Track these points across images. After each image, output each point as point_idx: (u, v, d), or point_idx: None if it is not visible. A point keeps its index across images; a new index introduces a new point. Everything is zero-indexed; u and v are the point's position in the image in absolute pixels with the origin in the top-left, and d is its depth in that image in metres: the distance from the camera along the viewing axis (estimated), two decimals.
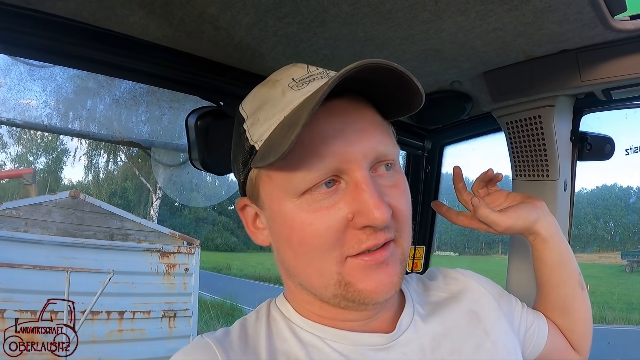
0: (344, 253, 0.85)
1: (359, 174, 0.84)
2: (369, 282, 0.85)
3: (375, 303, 0.88)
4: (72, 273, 7.43)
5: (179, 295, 9.83)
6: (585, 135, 1.70)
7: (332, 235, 0.84)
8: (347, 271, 0.85)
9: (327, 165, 0.83)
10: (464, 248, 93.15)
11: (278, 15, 1.18)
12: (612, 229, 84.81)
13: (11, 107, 3.23)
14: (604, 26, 1.20)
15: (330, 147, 0.83)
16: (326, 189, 0.85)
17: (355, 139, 0.85)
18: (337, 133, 0.85)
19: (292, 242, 0.88)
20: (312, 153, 0.83)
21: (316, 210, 0.84)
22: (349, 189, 0.85)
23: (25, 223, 9.16)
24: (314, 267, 0.88)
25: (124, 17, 1.21)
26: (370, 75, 0.81)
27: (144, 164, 27.97)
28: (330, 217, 0.84)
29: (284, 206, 0.87)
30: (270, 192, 0.91)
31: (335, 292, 0.87)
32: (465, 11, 1.13)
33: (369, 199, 0.82)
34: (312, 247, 0.85)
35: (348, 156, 0.84)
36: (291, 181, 0.85)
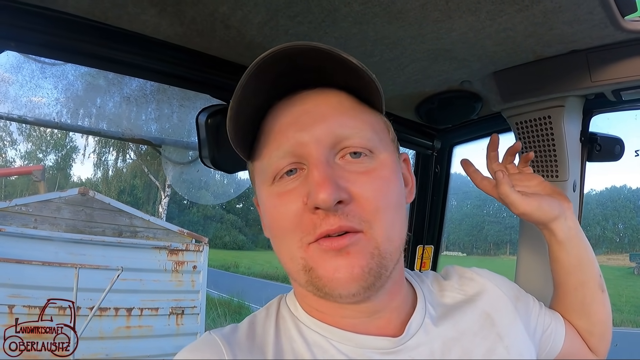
0: (304, 238, 0.86)
1: (312, 156, 0.86)
2: (327, 268, 0.84)
3: (338, 294, 0.85)
4: (80, 269, 7.44)
5: (186, 292, 9.85)
6: (595, 136, 1.70)
7: (292, 219, 0.86)
8: (310, 256, 0.86)
9: (285, 152, 0.88)
10: (472, 248, 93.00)
11: (289, 14, 1.18)
12: (620, 230, 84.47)
13: (23, 104, 3.25)
14: (614, 27, 1.20)
15: (285, 134, 0.88)
16: (291, 175, 0.89)
17: (309, 124, 0.88)
18: (293, 120, 0.89)
19: (269, 229, 0.94)
20: (273, 141, 0.90)
21: (280, 195, 0.89)
22: (306, 173, 0.87)
23: (35, 219, 9.19)
24: (285, 252, 0.90)
25: (135, 16, 1.21)
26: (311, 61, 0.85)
27: (153, 162, 28.01)
28: (290, 200, 0.87)
29: (263, 193, 0.94)
30: (258, 183, 0.97)
31: (305, 278, 0.87)
32: (476, 11, 1.13)
33: (315, 179, 0.83)
34: (279, 231, 0.90)
35: (301, 140, 0.87)
36: (263, 170, 0.92)
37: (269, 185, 0.91)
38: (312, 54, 0.84)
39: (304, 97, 0.92)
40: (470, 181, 1.35)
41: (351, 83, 0.91)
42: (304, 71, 0.88)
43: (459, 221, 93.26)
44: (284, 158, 0.87)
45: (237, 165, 1.57)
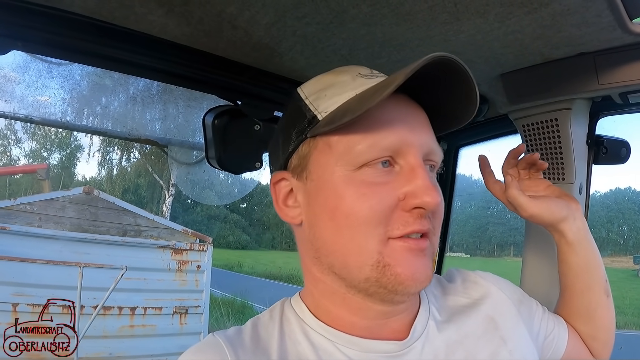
0: (388, 233, 0.86)
1: (415, 159, 0.88)
2: (407, 266, 0.86)
3: (406, 293, 0.88)
4: (85, 268, 7.47)
5: (190, 292, 9.87)
6: (601, 138, 1.69)
7: (382, 211, 0.86)
8: (388, 252, 0.86)
9: (389, 145, 0.87)
10: (476, 250, 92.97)
11: (297, 15, 1.18)
12: (625, 232, 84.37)
13: (29, 103, 3.27)
14: (622, 29, 1.19)
15: (395, 129, 0.88)
16: (382, 168, 0.88)
17: (417, 128, 0.91)
18: (402, 118, 0.90)
19: (337, 215, 0.89)
20: (378, 129, 0.87)
21: (370, 185, 0.87)
22: (404, 172, 0.88)
23: (39, 218, 9.22)
24: (355, 243, 0.87)
25: (142, 16, 1.21)
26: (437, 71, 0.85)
27: (157, 161, 28.09)
28: (384, 194, 0.86)
29: (338, 176, 0.89)
30: (324, 161, 0.92)
31: (369, 274, 0.87)
32: (485, 13, 1.13)
33: (423, 182, 0.85)
34: (359, 220, 0.86)
35: (409, 140, 0.88)
36: (351, 152, 0.88)
37: (352, 170, 0.88)
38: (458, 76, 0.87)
39: (407, 100, 0.94)
40: (474, 183, 1.36)
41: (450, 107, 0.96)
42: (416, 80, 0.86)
43: (463, 222, 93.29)
44: (386, 150, 0.87)
45: (244, 166, 1.58)
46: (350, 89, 0.93)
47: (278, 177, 1.01)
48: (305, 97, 0.98)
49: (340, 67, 1.03)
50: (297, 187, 0.98)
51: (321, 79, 1.01)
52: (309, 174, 0.94)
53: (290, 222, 1.00)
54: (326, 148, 0.92)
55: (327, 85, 0.97)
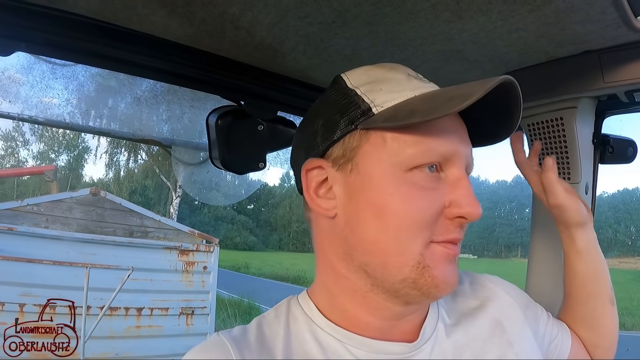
0: (431, 237, 0.87)
1: (460, 170, 0.90)
2: (443, 270, 0.88)
3: (437, 296, 0.90)
4: (91, 269, 7.49)
5: (197, 293, 9.91)
6: (608, 137, 1.68)
7: (430, 215, 0.86)
8: (429, 255, 0.87)
9: (442, 152, 0.88)
10: (483, 251, 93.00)
11: (299, 15, 1.18)
12: (633, 233, 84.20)
13: (33, 104, 3.27)
14: (628, 27, 1.19)
15: (450, 138, 0.89)
16: (430, 173, 0.88)
17: (465, 140, 0.94)
18: (455, 129, 0.92)
19: (385, 213, 0.87)
20: (434, 136, 0.88)
21: (421, 188, 0.87)
22: (449, 180, 0.90)
23: (46, 219, 9.26)
24: (400, 243, 0.87)
25: (145, 17, 1.21)
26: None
27: (165, 162, 28.19)
28: (432, 198, 0.87)
29: (389, 174, 0.88)
30: (376, 157, 0.89)
31: (408, 274, 0.87)
32: (487, 11, 1.12)
33: (468, 194, 0.88)
34: (408, 221, 0.86)
35: (459, 152, 0.90)
36: (405, 153, 0.87)
37: (403, 171, 0.87)
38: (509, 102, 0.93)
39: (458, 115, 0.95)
40: (481, 184, 1.36)
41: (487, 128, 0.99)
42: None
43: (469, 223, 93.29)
44: (438, 157, 0.88)
45: (248, 166, 1.58)
46: (408, 88, 0.92)
47: (313, 164, 0.96)
48: (354, 86, 0.95)
49: (384, 63, 1.03)
50: (334, 178, 0.95)
51: (369, 71, 0.99)
52: (355, 166, 0.91)
53: (322, 214, 0.96)
54: (380, 143, 0.89)
55: (380, 80, 0.95)
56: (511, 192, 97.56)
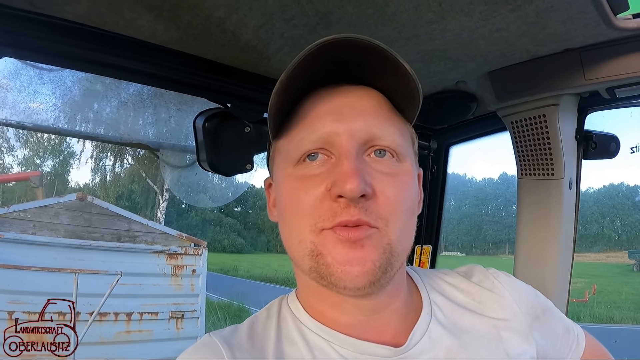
0: (319, 224, 0.86)
1: (343, 147, 0.87)
2: (338, 257, 0.85)
3: (344, 287, 0.85)
4: (80, 275, 7.46)
5: (186, 296, 9.87)
6: (590, 133, 1.70)
7: (310, 201, 0.87)
8: (321, 241, 0.86)
9: (317, 138, 0.88)
10: (471, 248, 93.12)
11: (284, 17, 1.19)
12: (619, 228, 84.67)
13: (21, 110, 3.25)
14: (607, 25, 1.21)
15: (322, 122, 0.89)
16: (315, 161, 0.90)
17: (348, 116, 0.89)
18: (332, 110, 0.90)
19: (281, 209, 0.95)
20: (307, 125, 0.90)
21: (303, 178, 0.89)
22: (333, 162, 0.88)
23: (33, 225, 9.21)
24: (294, 234, 0.90)
25: (132, 21, 1.22)
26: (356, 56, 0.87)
27: (151, 166, 28.03)
28: (312, 185, 0.87)
29: (283, 174, 0.94)
30: (278, 161, 0.98)
31: (308, 263, 0.88)
32: (469, 12, 1.14)
33: (345, 170, 0.84)
34: (293, 213, 0.90)
35: (337, 130, 0.88)
36: (289, 150, 0.93)
37: (292, 167, 0.91)
38: (361, 46, 0.85)
39: (345, 90, 0.93)
40: (467, 181, 1.36)
41: (394, 85, 0.93)
42: (347, 64, 0.90)
43: (457, 221, 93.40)
44: (315, 142, 0.89)
45: (235, 168, 1.59)
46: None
47: (268, 181, 1.08)
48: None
49: None
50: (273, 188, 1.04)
51: None
52: (273, 175, 1.02)
53: (275, 220, 1.03)
54: (277, 150, 0.98)
55: None
56: (497, 189, 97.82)
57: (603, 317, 20.51)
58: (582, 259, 63.65)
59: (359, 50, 0.86)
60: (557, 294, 1.65)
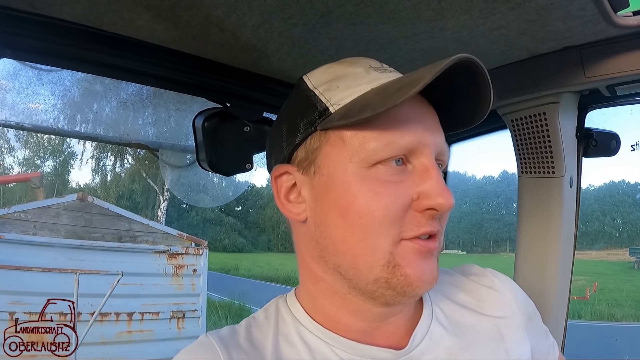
0: (401, 234, 0.84)
1: (429, 159, 0.86)
2: (417, 268, 0.85)
3: (413, 295, 0.87)
4: (80, 275, 7.47)
5: (187, 296, 9.89)
6: (591, 131, 1.70)
7: (397, 211, 0.83)
8: (400, 253, 0.84)
9: (405, 143, 0.84)
10: (472, 246, 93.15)
11: (283, 16, 1.19)
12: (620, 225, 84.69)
13: (20, 111, 3.25)
14: (607, 22, 1.20)
15: (411, 128, 0.85)
16: (395, 166, 0.85)
17: (432, 128, 0.89)
18: (418, 117, 0.87)
19: (350, 213, 0.86)
20: (395, 128, 0.85)
21: (385, 183, 0.84)
22: (417, 172, 0.86)
23: (34, 226, 9.22)
24: (368, 243, 0.85)
25: (130, 21, 1.22)
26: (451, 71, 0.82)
27: (151, 166, 28.07)
28: (398, 193, 0.84)
29: (351, 172, 0.86)
30: (337, 156, 0.88)
31: (379, 274, 0.85)
32: (469, 10, 1.14)
33: (437, 183, 0.84)
34: (373, 220, 0.84)
35: (424, 140, 0.86)
36: (366, 148, 0.85)
37: (366, 167, 0.85)
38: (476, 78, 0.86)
39: (419, 100, 0.91)
40: (468, 179, 1.35)
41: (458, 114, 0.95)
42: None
43: (457, 220, 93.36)
44: (403, 148, 0.84)
45: (235, 167, 1.58)
46: (365, 82, 0.91)
47: (281, 170, 0.96)
48: (313, 87, 0.95)
49: (349, 58, 1.01)
50: (302, 182, 0.94)
51: (329, 69, 0.97)
52: (317, 168, 0.91)
53: (293, 219, 0.97)
54: (339, 142, 0.88)
55: (338, 76, 0.94)
56: (498, 187, 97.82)
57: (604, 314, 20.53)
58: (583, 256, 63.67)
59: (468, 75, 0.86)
60: (558, 292, 1.65)
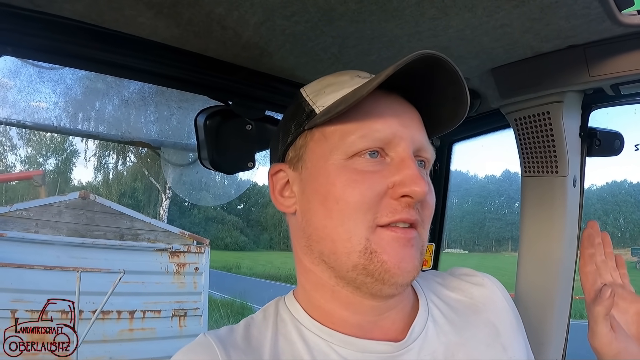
0: (377, 220, 0.88)
1: (406, 152, 0.91)
2: (394, 255, 0.87)
3: (393, 283, 0.88)
4: (82, 273, 7.48)
5: (189, 294, 9.90)
6: (595, 130, 1.69)
7: (372, 197, 0.88)
8: (375, 239, 0.88)
9: (380, 136, 0.90)
10: (474, 245, 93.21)
11: (285, 14, 1.18)
12: (622, 225, 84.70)
13: (21, 109, 3.25)
14: (612, 21, 1.20)
15: (387, 122, 0.92)
16: (371, 158, 0.91)
17: (409, 123, 0.94)
18: (395, 113, 0.94)
19: (328, 200, 0.91)
20: (371, 121, 0.91)
21: (361, 173, 0.90)
22: (394, 163, 0.91)
23: (36, 224, 9.22)
24: (344, 228, 0.89)
25: (132, 18, 1.21)
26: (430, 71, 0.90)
27: (153, 164, 28.05)
28: (373, 181, 0.89)
29: (331, 164, 0.92)
30: (320, 150, 0.95)
31: (357, 261, 0.88)
32: (473, 8, 1.13)
33: (412, 173, 0.88)
34: (349, 205, 0.89)
35: (400, 134, 0.91)
36: (345, 141, 0.92)
37: (345, 159, 0.91)
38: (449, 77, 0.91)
39: (399, 101, 0.97)
40: (470, 179, 1.35)
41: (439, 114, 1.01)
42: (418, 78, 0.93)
43: (459, 218, 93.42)
44: (378, 141, 0.90)
45: (237, 166, 1.58)
46: (347, 86, 0.97)
47: (276, 168, 1.04)
48: (306, 95, 1.02)
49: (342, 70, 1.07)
50: (293, 178, 1.01)
51: (322, 80, 1.04)
52: (304, 163, 0.98)
53: (285, 212, 1.03)
54: (322, 138, 0.96)
55: (327, 85, 1.01)
56: (500, 187, 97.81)
57: None
58: None
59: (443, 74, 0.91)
60: (561, 292, 1.64)
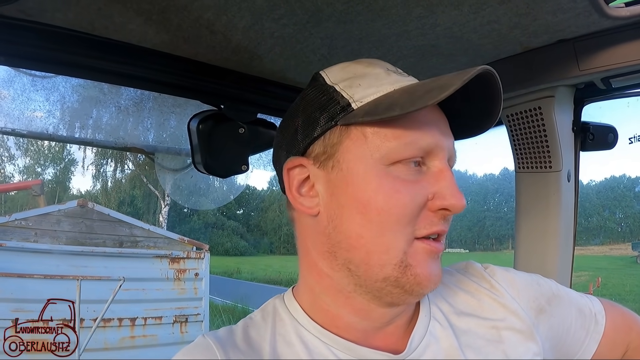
0: (415, 232, 0.87)
1: (443, 162, 0.89)
2: (426, 268, 0.87)
3: (421, 294, 0.89)
4: (82, 281, 7.47)
5: (189, 300, 9.89)
6: (588, 125, 1.69)
7: (414, 209, 0.85)
8: (412, 252, 0.86)
9: (424, 145, 0.87)
10: (474, 244, 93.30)
11: (273, 17, 1.18)
12: (622, 220, 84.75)
13: (15, 117, 3.26)
14: (599, 14, 1.20)
15: (431, 131, 0.88)
16: (413, 167, 0.87)
17: (446, 132, 0.92)
18: (435, 121, 0.91)
19: (369, 209, 0.86)
20: (416, 130, 0.87)
21: (404, 182, 0.86)
22: (431, 173, 0.89)
23: (35, 233, 9.21)
24: (383, 240, 0.86)
25: (122, 25, 1.22)
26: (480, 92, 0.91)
27: (152, 171, 28.04)
28: (416, 191, 0.86)
29: (371, 169, 0.87)
30: (358, 152, 0.89)
31: (390, 273, 0.86)
32: (459, 5, 1.13)
33: (450, 185, 0.87)
34: (391, 217, 0.85)
35: (440, 144, 0.89)
36: (387, 146, 0.86)
37: (385, 165, 0.86)
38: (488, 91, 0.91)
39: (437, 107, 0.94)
40: (469, 177, 1.34)
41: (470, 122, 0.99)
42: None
43: (459, 217, 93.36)
44: (422, 150, 0.87)
45: (230, 169, 1.58)
46: (387, 82, 0.92)
47: (295, 162, 0.95)
48: (332, 83, 0.95)
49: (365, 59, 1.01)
50: (316, 176, 0.94)
51: (347, 67, 0.98)
52: (337, 163, 0.90)
53: (304, 212, 0.95)
54: (361, 138, 0.88)
55: (359, 75, 0.94)
56: (499, 185, 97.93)
57: None
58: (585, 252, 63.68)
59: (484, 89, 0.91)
60: None
